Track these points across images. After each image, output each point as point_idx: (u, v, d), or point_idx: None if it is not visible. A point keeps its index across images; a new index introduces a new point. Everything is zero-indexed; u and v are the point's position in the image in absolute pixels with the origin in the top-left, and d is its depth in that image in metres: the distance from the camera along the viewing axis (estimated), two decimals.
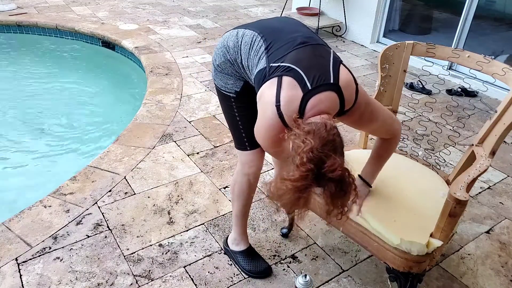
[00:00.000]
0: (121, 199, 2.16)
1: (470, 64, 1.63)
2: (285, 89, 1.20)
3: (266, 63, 1.28)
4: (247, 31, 1.39)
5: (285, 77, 1.21)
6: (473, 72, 1.71)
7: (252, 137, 1.53)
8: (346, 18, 4.68)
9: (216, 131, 2.81)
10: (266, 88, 1.24)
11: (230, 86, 1.48)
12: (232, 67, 1.44)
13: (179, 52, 4.10)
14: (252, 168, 1.62)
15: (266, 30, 1.36)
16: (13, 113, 3.32)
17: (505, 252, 1.95)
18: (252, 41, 1.35)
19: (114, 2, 5.72)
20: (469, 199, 1.24)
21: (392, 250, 1.40)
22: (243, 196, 1.71)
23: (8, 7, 4.97)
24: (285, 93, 1.20)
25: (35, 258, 1.80)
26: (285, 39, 1.30)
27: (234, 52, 1.40)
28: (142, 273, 1.76)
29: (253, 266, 1.76)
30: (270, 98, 1.21)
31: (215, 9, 5.68)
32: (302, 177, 1.05)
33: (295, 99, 1.19)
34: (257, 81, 1.31)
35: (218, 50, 1.46)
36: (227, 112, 1.56)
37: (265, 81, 1.26)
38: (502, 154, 2.69)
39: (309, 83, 1.19)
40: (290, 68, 1.22)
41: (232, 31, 1.45)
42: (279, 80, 1.21)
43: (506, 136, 1.44)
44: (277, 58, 1.26)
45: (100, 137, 3.06)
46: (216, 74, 1.49)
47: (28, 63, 4.24)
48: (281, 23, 1.42)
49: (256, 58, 1.33)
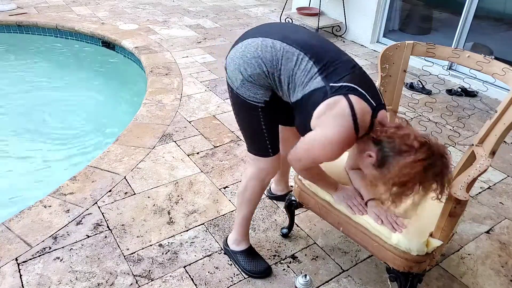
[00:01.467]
0: (121, 199, 2.16)
1: (470, 64, 1.63)
2: (357, 104, 1.28)
3: (324, 83, 1.32)
4: (287, 46, 1.37)
5: (352, 95, 1.29)
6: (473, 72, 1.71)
7: (275, 143, 1.59)
8: (346, 18, 4.68)
9: (216, 131, 2.81)
10: (335, 102, 1.29)
11: (259, 96, 1.46)
12: (266, 79, 1.41)
13: (179, 52, 4.10)
14: (270, 174, 1.65)
15: (308, 48, 1.37)
16: (13, 113, 3.32)
17: (505, 252, 1.95)
18: (297, 60, 1.35)
19: (114, 2, 5.72)
20: (469, 199, 1.24)
21: (392, 250, 1.40)
22: (254, 201, 1.72)
23: (8, 7, 4.97)
24: (359, 107, 1.28)
25: (35, 258, 1.80)
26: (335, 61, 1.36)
27: (272, 65, 1.38)
28: (142, 273, 1.76)
29: (253, 266, 1.76)
30: (345, 111, 1.28)
31: (215, 9, 5.68)
32: (428, 155, 1.18)
33: (367, 112, 1.30)
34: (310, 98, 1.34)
35: (250, 60, 1.40)
36: (250, 121, 1.53)
37: (329, 97, 1.30)
38: (502, 154, 2.69)
39: (373, 101, 1.32)
40: (354, 88, 1.30)
41: (264, 41, 1.40)
42: (347, 97, 1.28)
43: (506, 136, 1.44)
44: (337, 79, 1.32)
45: (100, 137, 3.06)
46: (244, 85, 1.44)
47: (28, 63, 4.23)
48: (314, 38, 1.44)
49: (305, 78, 1.35)
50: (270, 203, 2.18)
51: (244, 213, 1.75)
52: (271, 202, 2.19)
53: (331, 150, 1.34)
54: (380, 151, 1.26)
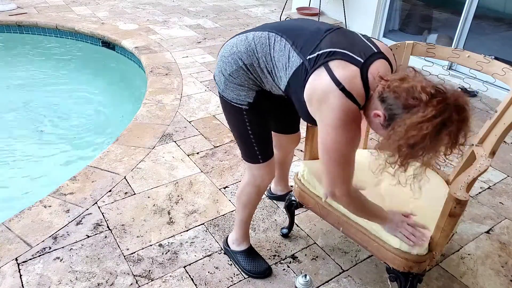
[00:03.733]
0: (121, 199, 2.16)
1: (470, 64, 1.63)
2: (339, 70, 1.14)
3: (301, 59, 1.21)
4: (258, 33, 1.33)
5: (332, 62, 1.15)
6: (473, 72, 1.71)
7: (264, 149, 1.51)
8: (346, 18, 4.68)
9: (216, 131, 2.81)
10: (316, 82, 1.17)
11: (242, 97, 1.40)
12: (245, 74, 1.36)
13: (179, 52, 4.10)
14: (265, 180, 1.59)
15: (282, 29, 1.30)
16: (12, 113, 3.32)
17: (505, 252, 1.95)
18: (271, 42, 1.29)
19: (114, 2, 5.72)
20: (469, 199, 1.24)
21: (392, 250, 1.40)
22: (250, 205, 1.71)
23: (8, 7, 4.97)
24: (341, 73, 1.13)
25: (35, 258, 1.80)
26: (307, 33, 1.26)
27: (248, 56, 1.33)
28: (142, 273, 1.76)
29: (253, 266, 1.76)
30: (328, 86, 1.13)
31: (215, 9, 5.68)
32: (440, 110, 1.00)
33: (355, 75, 1.14)
34: (296, 81, 1.24)
35: (227, 58, 1.37)
36: (237, 125, 1.49)
37: (309, 76, 1.18)
38: (502, 154, 2.69)
39: (358, 57, 1.15)
40: (331, 52, 1.17)
41: (238, 37, 1.38)
42: (326, 67, 1.15)
43: (506, 136, 1.44)
44: (311, 50, 1.20)
45: (100, 137, 3.06)
46: (227, 86, 1.40)
47: (28, 63, 4.23)
48: (293, 22, 1.37)
49: (283, 57, 1.26)
50: (270, 203, 2.18)
51: (242, 217, 1.75)
52: (271, 202, 2.19)
53: (342, 135, 1.18)
54: (387, 109, 1.10)
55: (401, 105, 1.06)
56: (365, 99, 1.17)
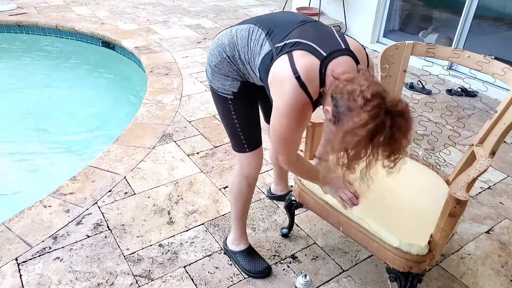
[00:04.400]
0: (121, 199, 2.16)
1: (470, 64, 1.63)
2: (299, 60, 1.16)
3: (270, 46, 1.26)
4: (241, 26, 1.39)
5: (295, 51, 1.18)
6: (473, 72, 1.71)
7: (250, 138, 1.55)
8: (346, 18, 4.68)
9: (216, 131, 2.81)
10: (277, 67, 1.20)
11: (227, 87, 1.46)
12: (229, 65, 1.42)
13: (179, 52, 4.10)
14: (252, 170, 1.62)
15: (261, 21, 1.36)
16: (12, 113, 3.32)
17: (505, 252, 1.95)
18: (249, 33, 1.34)
19: (114, 2, 5.72)
20: (469, 199, 1.24)
21: (392, 250, 1.40)
22: (242, 198, 1.71)
23: (8, 7, 4.97)
24: (301, 63, 1.16)
25: (35, 258, 1.80)
26: (283, 23, 1.30)
27: (230, 48, 1.39)
28: (142, 273, 1.76)
29: (253, 266, 1.76)
30: (286, 73, 1.17)
31: (215, 9, 5.68)
32: (373, 116, 0.99)
33: (313, 66, 1.16)
34: (263, 67, 1.28)
35: (213, 50, 1.44)
36: (224, 114, 1.54)
37: (273, 62, 1.22)
38: (502, 154, 2.69)
39: (322, 50, 1.17)
40: (297, 42, 1.20)
41: (225, 30, 1.45)
42: (289, 55, 1.18)
43: (506, 136, 1.44)
44: (281, 39, 1.24)
45: (100, 137, 3.06)
46: (213, 76, 1.47)
47: (28, 63, 4.23)
48: (275, 14, 1.43)
49: (257, 46, 1.31)
50: (270, 203, 2.18)
51: (236, 213, 1.75)
52: (271, 202, 2.19)
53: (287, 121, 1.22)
54: (334, 106, 1.10)
55: (345, 106, 1.06)
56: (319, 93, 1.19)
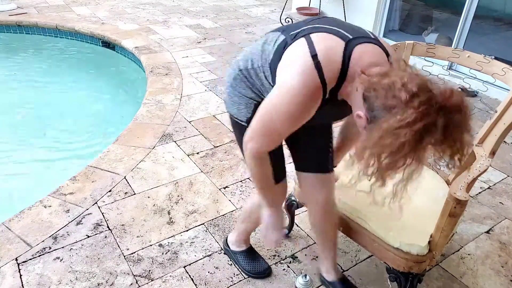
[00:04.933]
0: (121, 199, 2.16)
1: (470, 64, 1.63)
2: (320, 42, 0.99)
3: (285, 36, 1.12)
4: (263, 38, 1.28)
5: (315, 34, 1.01)
6: (473, 72, 1.70)
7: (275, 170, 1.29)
8: (346, 18, 4.68)
9: (216, 131, 2.81)
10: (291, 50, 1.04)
11: (243, 112, 1.30)
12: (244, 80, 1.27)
13: (179, 52, 4.10)
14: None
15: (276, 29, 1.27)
16: (12, 113, 3.32)
17: (505, 252, 1.95)
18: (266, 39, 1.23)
19: (114, 2, 5.72)
20: (469, 199, 1.24)
21: (392, 250, 1.40)
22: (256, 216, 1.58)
23: (8, 7, 4.97)
24: (321, 43, 0.99)
25: (35, 258, 1.80)
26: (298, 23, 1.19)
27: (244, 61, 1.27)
28: (142, 273, 1.76)
29: (253, 266, 1.76)
30: (301, 53, 1.00)
31: (215, 9, 5.68)
32: (422, 113, 0.81)
33: (336, 46, 0.98)
34: (277, 56, 1.11)
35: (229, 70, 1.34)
36: None
37: (287, 47, 1.06)
38: (502, 154, 2.69)
39: (347, 33, 1.01)
40: (317, 27, 1.04)
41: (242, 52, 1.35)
42: (307, 38, 1.01)
43: (506, 136, 1.44)
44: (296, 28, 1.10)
45: (100, 137, 3.06)
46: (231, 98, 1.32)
47: (28, 63, 4.23)
48: None
49: (271, 44, 1.17)
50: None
51: (248, 227, 1.74)
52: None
53: (285, 105, 1.02)
54: (369, 109, 0.92)
55: (382, 106, 0.88)
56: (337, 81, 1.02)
